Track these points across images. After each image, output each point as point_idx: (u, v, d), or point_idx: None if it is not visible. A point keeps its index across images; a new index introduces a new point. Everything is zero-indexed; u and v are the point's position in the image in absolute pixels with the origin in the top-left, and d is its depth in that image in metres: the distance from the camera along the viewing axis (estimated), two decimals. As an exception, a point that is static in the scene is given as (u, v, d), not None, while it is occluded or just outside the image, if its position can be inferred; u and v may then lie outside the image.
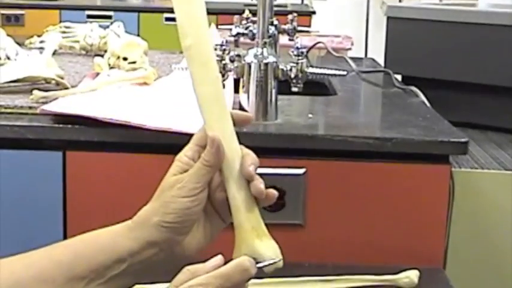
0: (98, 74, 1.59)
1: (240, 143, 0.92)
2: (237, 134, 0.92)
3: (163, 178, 0.91)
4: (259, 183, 0.90)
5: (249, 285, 1.07)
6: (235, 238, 0.90)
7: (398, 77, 1.94)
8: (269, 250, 0.89)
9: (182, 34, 0.92)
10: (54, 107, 1.31)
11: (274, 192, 0.91)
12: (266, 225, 0.91)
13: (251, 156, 0.91)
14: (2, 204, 1.31)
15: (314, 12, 4.39)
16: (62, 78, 1.51)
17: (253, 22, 1.43)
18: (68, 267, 0.88)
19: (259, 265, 0.86)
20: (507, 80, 1.78)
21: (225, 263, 0.84)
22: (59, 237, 1.29)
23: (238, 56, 1.37)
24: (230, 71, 1.36)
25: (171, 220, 0.88)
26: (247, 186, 0.90)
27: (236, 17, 1.58)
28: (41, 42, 1.94)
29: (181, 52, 1.90)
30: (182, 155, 0.91)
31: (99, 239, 0.90)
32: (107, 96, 1.43)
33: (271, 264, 0.88)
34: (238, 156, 0.91)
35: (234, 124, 0.92)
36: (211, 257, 0.84)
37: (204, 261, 0.84)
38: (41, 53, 1.62)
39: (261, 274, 0.88)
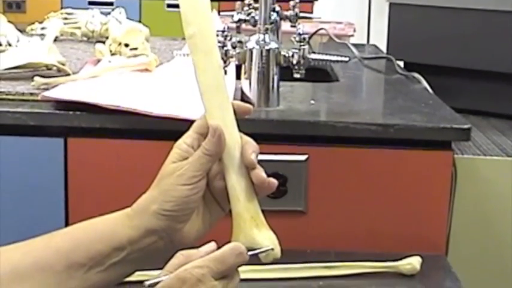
0: (99, 60, 1.58)
1: (241, 130, 0.92)
2: (238, 120, 0.92)
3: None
4: (260, 172, 0.90)
5: (251, 270, 1.08)
6: (232, 227, 0.90)
7: (401, 64, 1.93)
8: (267, 240, 0.89)
9: (185, 22, 0.92)
10: (56, 94, 1.31)
11: (274, 181, 0.91)
12: (264, 215, 0.91)
13: (252, 144, 0.91)
14: (3, 190, 1.31)
15: (316, -1, 4.37)
16: (64, 64, 1.51)
17: (255, 8, 1.42)
18: (66, 255, 0.88)
19: (254, 252, 0.86)
20: (510, 66, 1.77)
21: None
22: (61, 224, 1.29)
23: (240, 42, 1.37)
24: (232, 57, 1.36)
25: (170, 208, 0.88)
26: (247, 175, 0.90)
27: (238, 3, 1.57)
28: (42, 28, 1.93)
29: (183, 39, 1.90)
30: (181, 142, 0.91)
31: (98, 227, 0.90)
32: (108, 82, 1.43)
33: (266, 251, 0.88)
34: (239, 145, 0.91)
35: (235, 114, 0.92)
36: (205, 244, 0.85)
37: (197, 248, 0.84)
38: (42, 39, 1.62)
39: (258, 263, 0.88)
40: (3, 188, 1.31)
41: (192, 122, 0.93)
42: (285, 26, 1.63)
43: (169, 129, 1.18)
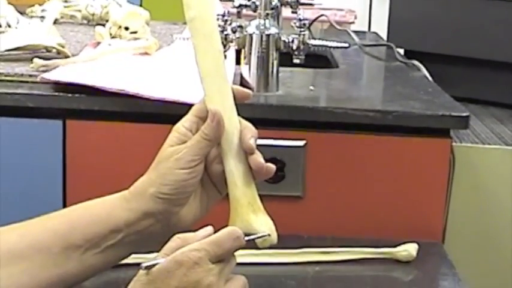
0: (99, 43, 1.58)
1: (240, 115, 0.92)
2: (238, 105, 0.92)
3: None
4: (258, 157, 0.90)
5: (249, 254, 1.08)
6: (230, 212, 0.90)
7: (401, 51, 1.93)
8: (264, 226, 0.89)
9: (186, 5, 0.92)
10: (55, 76, 1.31)
11: (272, 167, 0.91)
12: (261, 200, 0.91)
13: (250, 129, 0.91)
14: (1, 172, 1.31)
15: (318, -15, 4.36)
16: (63, 46, 1.51)
17: (256, -7, 1.42)
18: (63, 237, 0.88)
19: (250, 237, 0.87)
20: (509, 55, 1.77)
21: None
22: (59, 205, 1.29)
23: (240, 27, 1.36)
24: (232, 41, 1.36)
25: (167, 191, 0.88)
26: (245, 160, 0.90)
27: (239, -12, 1.57)
28: (43, 11, 1.92)
29: (184, 23, 1.90)
30: (180, 125, 0.91)
31: (96, 209, 0.91)
32: (108, 65, 1.43)
33: (263, 237, 0.88)
34: (237, 130, 0.91)
35: (234, 99, 0.92)
36: (201, 228, 0.85)
37: (193, 231, 0.84)
38: (42, 21, 1.62)
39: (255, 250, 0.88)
40: (1, 169, 1.31)
41: (191, 105, 0.93)
42: (286, 11, 1.62)
43: (168, 113, 1.18)
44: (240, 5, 1.52)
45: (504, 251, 1.49)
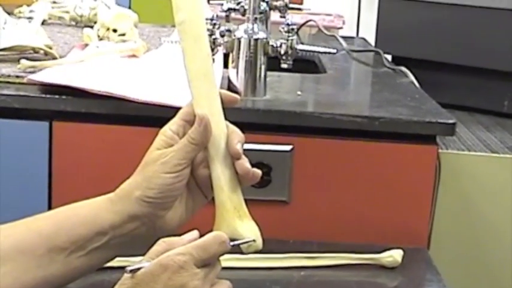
0: (87, 45, 1.58)
1: (227, 119, 0.92)
2: (225, 109, 0.92)
3: (148, 151, 0.91)
4: (245, 162, 0.90)
5: (234, 259, 1.08)
6: (215, 217, 0.90)
7: (389, 57, 1.94)
8: (249, 231, 0.89)
9: (176, 8, 0.92)
10: (42, 77, 1.30)
11: (258, 172, 0.91)
12: (247, 204, 0.91)
13: (237, 134, 0.91)
14: (-13, 173, 1.30)
15: (306, -10, 4.36)
16: (51, 48, 1.50)
17: (245, -2, 1.42)
18: (48, 239, 0.88)
19: (236, 242, 0.87)
20: (496, 63, 1.78)
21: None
22: (44, 207, 1.29)
23: (229, 31, 1.36)
24: (220, 45, 1.36)
25: (153, 195, 0.88)
26: (231, 165, 0.90)
27: (228, -8, 1.57)
28: (30, 11, 1.92)
29: (172, 26, 1.90)
30: (167, 128, 0.91)
31: (81, 211, 0.90)
32: (95, 67, 1.42)
33: (248, 242, 0.88)
34: (225, 135, 0.91)
35: (221, 103, 0.92)
36: (187, 232, 0.85)
37: (179, 235, 0.84)
38: (29, 22, 1.61)
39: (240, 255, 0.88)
40: (-14, 170, 1.30)
41: (178, 109, 0.93)
42: (275, 16, 1.63)
43: (155, 116, 1.18)
44: (229, 9, 1.52)
45: (489, 257, 1.50)
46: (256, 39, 1.35)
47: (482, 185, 1.49)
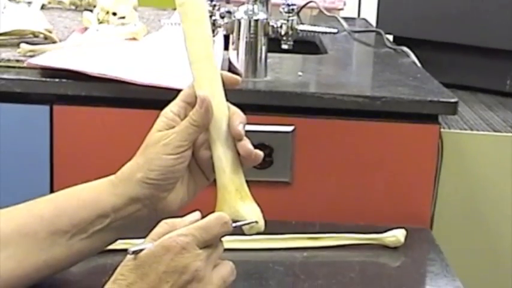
0: (86, 29, 1.57)
1: (228, 100, 0.92)
2: (226, 90, 0.92)
3: (149, 133, 0.90)
4: (247, 143, 0.90)
5: (236, 240, 1.08)
6: (217, 198, 0.90)
7: (390, 37, 1.93)
8: (251, 213, 0.89)
9: (177, -11, 0.92)
10: (42, 61, 1.30)
11: (260, 153, 0.91)
12: (249, 186, 0.91)
13: (239, 115, 0.91)
14: (-12, 157, 1.30)
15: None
16: (51, 32, 1.50)
17: (245, -22, 1.41)
18: (50, 222, 0.88)
19: (238, 223, 0.87)
20: (498, 42, 1.77)
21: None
22: (45, 191, 1.28)
23: (229, 12, 1.36)
24: (220, 27, 1.35)
25: (154, 177, 0.88)
26: (233, 147, 0.90)
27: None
28: (30, -4, 1.91)
29: (173, 9, 1.89)
30: (168, 110, 0.90)
31: (83, 194, 0.90)
32: (95, 50, 1.42)
33: (250, 224, 0.88)
34: (226, 116, 0.90)
35: (223, 85, 0.91)
36: (189, 213, 0.85)
37: (181, 217, 0.84)
38: (29, 6, 1.61)
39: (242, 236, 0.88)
40: (-12, 154, 1.30)
41: (179, 91, 0.93)
42: (275, -3, 1.62)
43: (156, 98, 1.17)
44: (229, -10, 1.51)
45: (492, 236, 1.50)
46: (256, 21, 1.34)
47: (485, 164, 1.48)
